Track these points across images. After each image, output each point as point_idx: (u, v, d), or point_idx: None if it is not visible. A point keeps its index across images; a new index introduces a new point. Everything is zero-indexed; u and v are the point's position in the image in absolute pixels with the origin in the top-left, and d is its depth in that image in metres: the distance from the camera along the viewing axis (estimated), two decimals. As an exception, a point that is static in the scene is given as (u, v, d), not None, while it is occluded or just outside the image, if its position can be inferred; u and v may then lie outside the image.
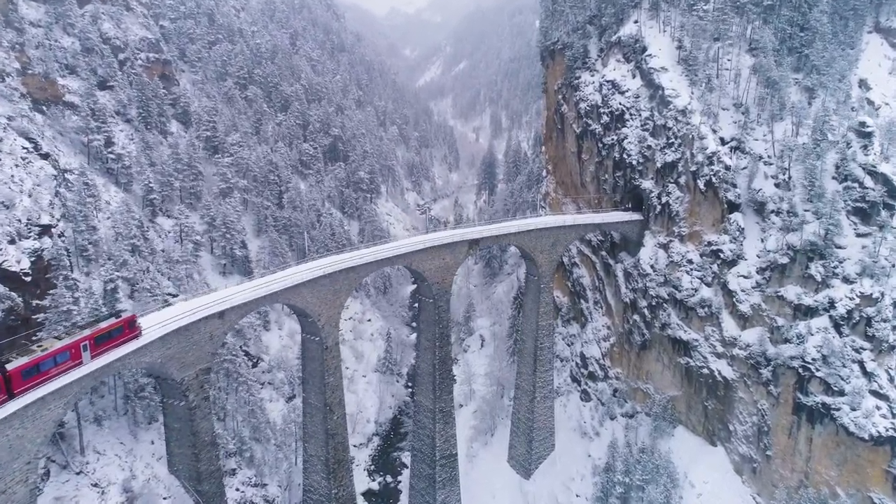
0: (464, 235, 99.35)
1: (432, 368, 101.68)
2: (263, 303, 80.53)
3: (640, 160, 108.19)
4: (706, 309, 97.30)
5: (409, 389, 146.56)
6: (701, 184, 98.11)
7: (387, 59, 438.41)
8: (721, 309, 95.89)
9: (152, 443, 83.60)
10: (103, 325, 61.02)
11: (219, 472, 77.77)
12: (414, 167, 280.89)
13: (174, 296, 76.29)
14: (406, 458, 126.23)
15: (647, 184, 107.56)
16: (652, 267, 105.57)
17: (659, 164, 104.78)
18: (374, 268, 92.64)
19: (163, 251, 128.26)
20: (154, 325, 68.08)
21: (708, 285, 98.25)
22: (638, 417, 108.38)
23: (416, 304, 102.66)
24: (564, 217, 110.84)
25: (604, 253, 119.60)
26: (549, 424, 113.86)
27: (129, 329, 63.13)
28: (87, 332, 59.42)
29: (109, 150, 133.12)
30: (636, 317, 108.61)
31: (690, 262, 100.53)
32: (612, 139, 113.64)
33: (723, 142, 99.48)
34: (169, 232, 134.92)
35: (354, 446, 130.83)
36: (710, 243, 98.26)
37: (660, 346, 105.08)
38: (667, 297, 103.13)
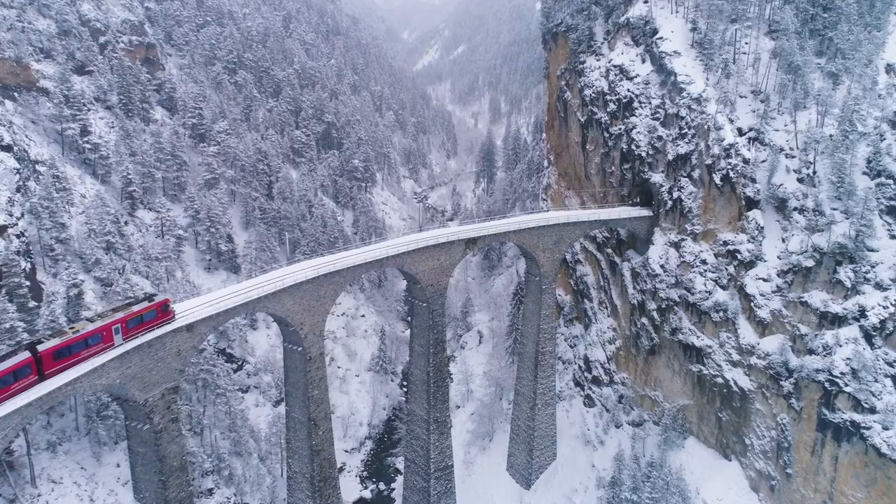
0: (460, 234, 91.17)
1: (426, 376, 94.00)
2: (238, 313, 72.48)
3: (650, 152, 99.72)
4: (721, 314, 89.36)
5: (405, 389, 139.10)
6: (717, 178, 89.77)
7: (384, 42, 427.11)
8: (738, 314, 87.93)
9: (118, 465, 75.89)
10: (136, 308, 60.71)
11: (190, 499, 70.15)
12: (411, 154, 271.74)
13: (153, 296, 69.61)
14: (400, 463, 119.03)
15: (657, 177, 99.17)
16: (662, 267, 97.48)
17: (670, 157, 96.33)
18: (362, 271, 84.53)
19: (142, 247, 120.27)
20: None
21: (723, 288, 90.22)
22: (646, 426, 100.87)
23: (410, 306, 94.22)
24: (568, 213, 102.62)
25: (609, 250, 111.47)
26: (551, 432, 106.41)
27: (162, 313, 62.54)
28: (119, 315, 58.96)
29: (85, 139, 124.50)
30: (644, 320, 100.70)
31: (704, 262, 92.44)
32: (620, 129, 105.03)
33: (740, 132, 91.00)
34: (150, 226, 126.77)
35: (346, 451, 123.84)
36: (725, 243, 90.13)
37: (670, 351, 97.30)
38: (678, 299, 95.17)
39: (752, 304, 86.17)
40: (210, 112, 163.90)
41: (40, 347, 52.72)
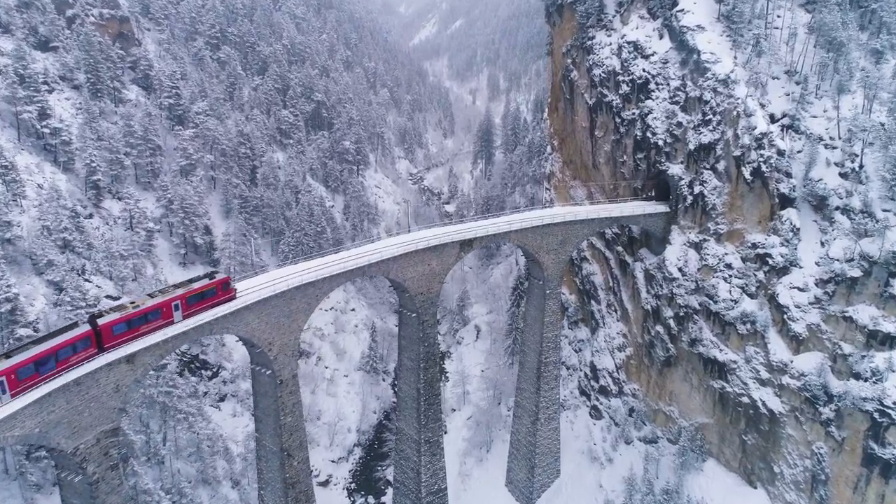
0: (454, 235, 79.28)
1: (416, 393, 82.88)
2: (191, 337, 60.80)
3: (668, 140, 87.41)
4: (749, 326, 77.98)
5: (396, 389, 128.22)
6: (746, 172, 77.68)
7: (378, 16, 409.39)
8: (768, 327, 76.54)
9: (56, 511, 64.97)
10: (196, 285, 59.19)
11: (137, 556, 59.41)
12: (406, 133, 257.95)
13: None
14: (391, 474, 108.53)
15: (675, 169, 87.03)
16: (680, 270, 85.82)
17: (692, 146, 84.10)
18: (341, 281, 72.82)
19: (109, 241, 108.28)
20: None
21: (751, 297, 78.70)
22: (660, 445, 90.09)
23: (398, 316, 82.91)
24: (575, 209, 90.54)
25: (620, 248, 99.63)
26: (554, 448, 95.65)
27: (223, 291, 60.61)
28: (179, 292, 57.74)
29: (44, 122, 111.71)
30: (659, 328, 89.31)
31: (729, 266, 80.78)
32: (633, 113, 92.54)
33: (772, 119, 78.80)
34: (118, 218, 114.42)
35: (332, 461, 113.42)
36: (755, 245, 78.44)
37: (688, 364, 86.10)
38: (698, 307, 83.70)
39: (785, 316, 74.78)
40: (189, 92, 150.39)
41: (100, 321, 52.23)
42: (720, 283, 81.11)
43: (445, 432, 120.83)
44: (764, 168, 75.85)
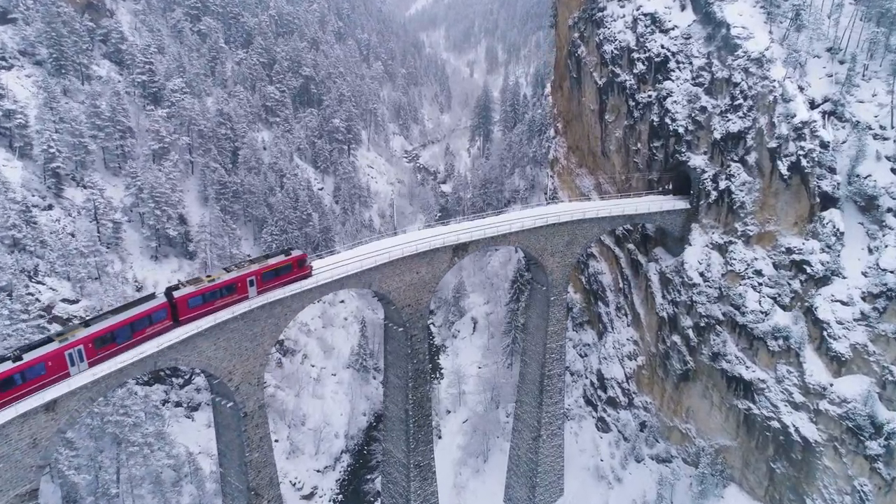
0: (446, 238, 68.44)
1: (404, 414, 72.84)
2: (130, 374, 50.22)
3: (690, 127, 76.07)
4: (781, 342, 67.72)
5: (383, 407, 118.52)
6: (782, 166, 66.67)
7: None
8: (804, 344, 66.31)
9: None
10: (272, 261, 57.56)
11: None
12: (401, 109, 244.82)
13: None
14: (381, 483, 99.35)
15: (697, 160, 75.88)
16: (702, 275, 75.22)
17: (718, 135, 72.84)
18: (315, 296, 62.10)
19: (72, 235, 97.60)
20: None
21: (785, 309, 68.32)
22: (674, 465, 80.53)
23: (384, 329, 72.51)
24: (584, 206, 79.43)
25: (631, 246, 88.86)
26: (558, 466, 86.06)
27: (299, 268, 58.53)
28: (255, 267, 56.16)
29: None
30: (676, 338, 79.03)
31: (759, 273, 70.21)
32: (650, 96, 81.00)
33: (812, 104, 67.47)
34: (82, 209, 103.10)
35: (317, 471, 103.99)
36: (790, 250, 67.86)
37: (708, 380, 76.02)
38: (722, 317, 73.33)
39: (824, 332, 64.55)
40: (164, 67, 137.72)
41: (176, 293, 51.53)
42: (748, 291, 70.62)
43: (440, 437, 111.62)
44: (804, 163, 64.82)
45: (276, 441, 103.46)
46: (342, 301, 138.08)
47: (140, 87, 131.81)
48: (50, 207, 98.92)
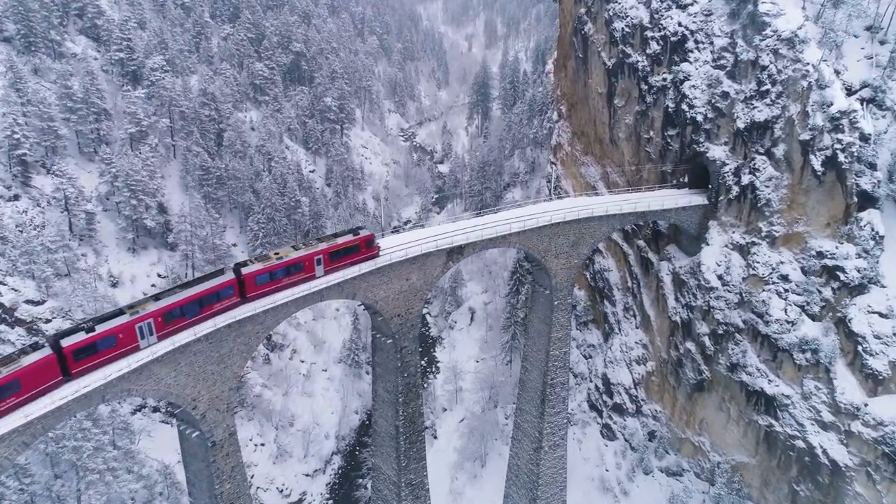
0: (439, 241, 61.07)
1: (395, 431, 66.13)
2: (70, 412, 43.11)
3: (710, 114, 68.08)
4: (809, 355, 60.82)
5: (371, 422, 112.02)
6: (816, 161, 59.03)
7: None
8: (835, 358, 59.41)
9: None
10: (340, 240, 56.15)
11: None
12: (397, 85, 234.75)
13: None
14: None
15: (717, 151, 68.10)
16: (720, 278, 67.96)
17: (741, 124, 64.97)
18: (291, 310, 54.93)
19: (42, 227, 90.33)
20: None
21: (814, 319, 61.30)
22: (686, 480, 74.22)
23: (372, 340, 65.47)
24: (591, 202, 71.71)
25: (641, 243, 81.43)
26: (560, 478, 79.61)
27: (367, 248, 56.80)
28: (323, 246, 54.96)
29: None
30: (690, 345, 72.06)
31: (785, 278, 63.01)
32: (665, 79, 72.84)
33: (848, 91, 59.59)
34: (52, 199, 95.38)
35: (306, 475, 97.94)
36: (821, 254, 60.61)
37: (725, 391, 69.25)
38: (742, 325, 66.32)
39: (859, 347, 57.67)
40: (144, 43, 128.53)
41: (244, 270, 50.88)
42: (773, 298, 63.47)
43: (435, 437, 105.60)
44: (841, 157, 57.17)
45: (263, 445, 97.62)
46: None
47: (118, 65, 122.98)
48: (16, 198, 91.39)
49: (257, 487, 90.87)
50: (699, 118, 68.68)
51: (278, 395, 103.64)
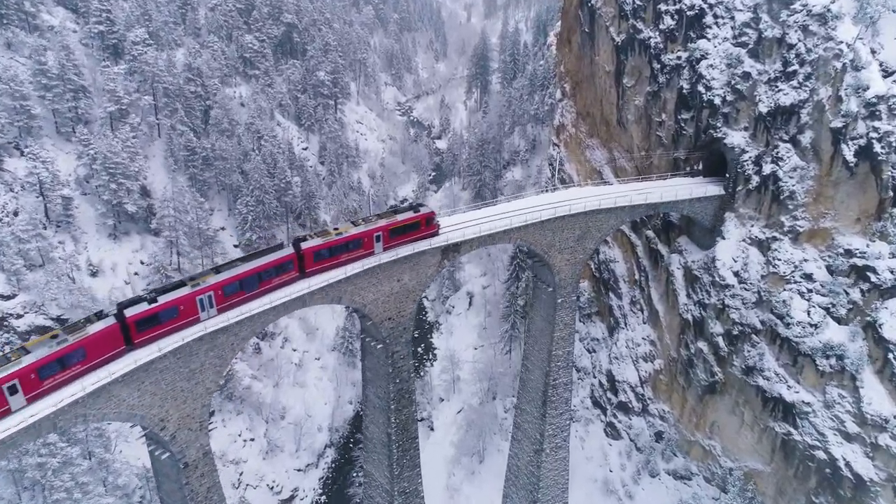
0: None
1: (387, 439, 61.54)
2: (17, 443, 38.14)
3: (729, 97, 62.04)
4: (834, 361, 55.88)
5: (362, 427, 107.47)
6: (848, 150, 53.39)
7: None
8: (862, 365, 54.50)
9: None
10: (400, 217, 54.12)
11: None
12: (393, 57, 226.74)
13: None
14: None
15: (736, 137, 62.26)
16: (737, 275, 62.72)
17: (764, 108, 59.06)
18: (270, 319, 49.58)
19: (12, 214, 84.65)
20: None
21: (840, 322, 56.22)
22: (695, 484, 69.97)
23: (360, 343, 60.43)
24: (598, 191, 66.01)
25: (650, 233, 75.92)
26: (562, 480, 75.40)
27: (426, 226, 55.02)
28: (382, 223, 53.21)
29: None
30: (703, 345, 67.09)
31: (809, 277, 57.78)
32: (680, 57, 66.54)
33: (886, 73, 53.52)
34: (26, 183, 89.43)
35: (298, 471, 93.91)
36: (850, 252, 55.31)
37: (739, 395, 64.50)
38: (760, 326, 61.27)
39: (889, 354, 52.67)
40: (126, 15, 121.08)
41: (304, 245, 50.18)
42: (794, 298, 58.31)
43: (432, 429, 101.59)
44: (878, 147, 51.44)
45: (252, 440, 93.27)
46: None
47: (98, 38, 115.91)
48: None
49: (247, 485, 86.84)
50: (717, 101, 62.60)
51: (269, 386, 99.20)
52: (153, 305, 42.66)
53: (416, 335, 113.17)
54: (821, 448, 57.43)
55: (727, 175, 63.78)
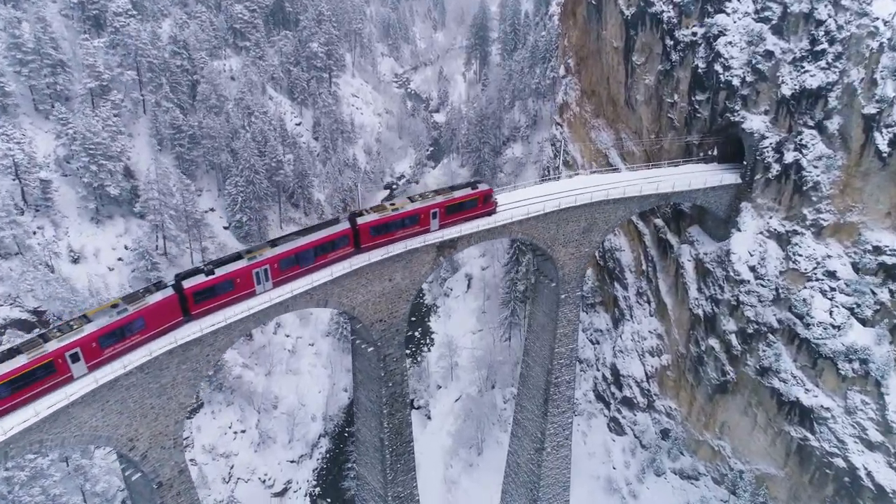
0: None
1: (380, 443, 57.85)
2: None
3: (749, 78, 56.88)
4: (857, 365, 51.88)
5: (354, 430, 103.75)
6: (881, 139, 48.67)
7: None
8: (888, 371, 50.54)
9: None
10: (457, 194, 52.87)
11: None
12: (390, 27, 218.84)
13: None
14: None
15: (755, 122, 57.29)
16: (753, 270, 58.37)
17: (787, 91, 54.04)
18: (250, 326, 45.36)
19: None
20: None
21: (865, 324, 52.14)
22: (702, 485, 66.65)
23: (351, 345, 56.19)
24: (605, 179, 61.13)
25: (659, 222, 71.22)
26: (563, 478, 72.05)
27: (484, 204, 53.37)
28: (439, 199, 52.03)
29: None
30: (714, 342, 63.03)
31: (832, 275, 53.47)
32: (695, 34, 61.10)
33: (923, 52, 48.33)
34: (0, 165, 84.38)
35: (291, 462, 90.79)
36: (878, 249, 51.08)
37: (752, 395, 60.66)
38: (777, 325, 57.11)
39: (919, 360, 48.42)
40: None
41: (360, 220, 48.99)
42: (815, 297, 54.09)
43: (429, 418, 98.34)
44: (915, 137, 46.56)
45: (244, 431, 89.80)
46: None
47: (79, 8, 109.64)
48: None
49: (237, 479, 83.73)
50: (735, 82, 57.46)
51: (261, 375, 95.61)
52: (210, 277, 42.35)
53: (413, 319, 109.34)
54: (840, 455, 53.80)
55: (744, 162, 59.06)
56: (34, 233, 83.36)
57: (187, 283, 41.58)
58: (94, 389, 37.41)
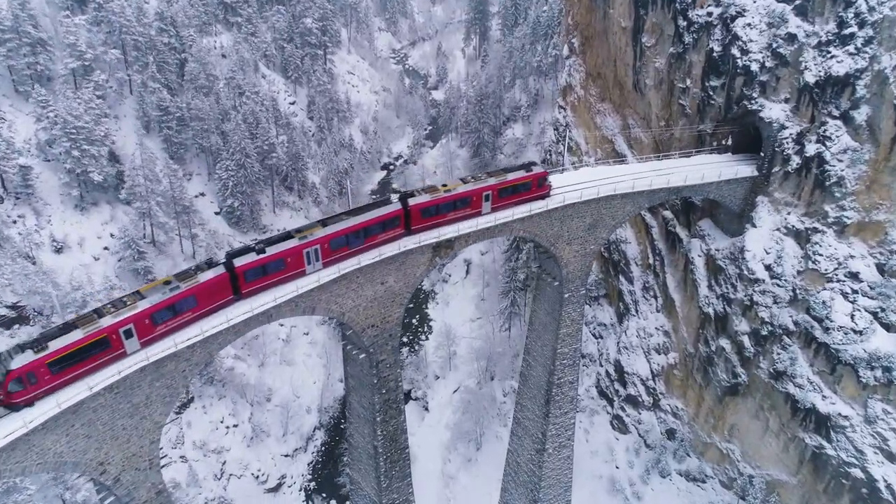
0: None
1: (373, 451, 54.86)
2: None
3: (769, 63, 52.63)
4: (880, 372, 48.60)
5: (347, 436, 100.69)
6: (914, 134, 44.50)
7: None
8: (914, 380, 47.15)
9: None
10: (510, 176, 51.23)
11: None
12: (387, 0, 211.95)
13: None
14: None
15: (775, 111, 53.21)
16: (768, 268, 54.82)
17: (811, 77, 49.88)
18: (230, 338, 41.82)
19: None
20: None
21: (889, 329, 48.66)
22: (709, 488, 63.94)
23: (342, 350, 52.73)
24: (612, 171, 57.17)
25: (668, 214, 67.35)
26: (565, 479, 69.43)
27: (538, 187, 51.65)
28: (492, 181, 50.71)
29: None
30: (725, 342, 59.72)
31: (855, 277, 49.96)
32: (710, 14, 56.61)
33: (962, 36, 44.13)
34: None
35: (285, 456, 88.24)
36: (906, 250, 47.09)
37: (765, 399, 57.55)
38: (793, 328, 53.69)
39: (948, 370, 45.13)
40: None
41: (411, 201, 47.98)
42: (836, 299, 50.63)
43: (427, 409, 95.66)
44: (952, 131, 42.62)
45: (236, 426, 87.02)
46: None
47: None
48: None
49: (230, 475, 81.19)
50: (754, 67, 53.27)
51: (253, 367, 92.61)
52: (262, 256, 41.86)
53: (411, 305, 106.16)
54: (858, 466, 50.86)
55: (761, 154, 55.08)
56: (14, 222, 79.68)
57: (238, 262, 41.13)
58: (56, 414, 34.09)
